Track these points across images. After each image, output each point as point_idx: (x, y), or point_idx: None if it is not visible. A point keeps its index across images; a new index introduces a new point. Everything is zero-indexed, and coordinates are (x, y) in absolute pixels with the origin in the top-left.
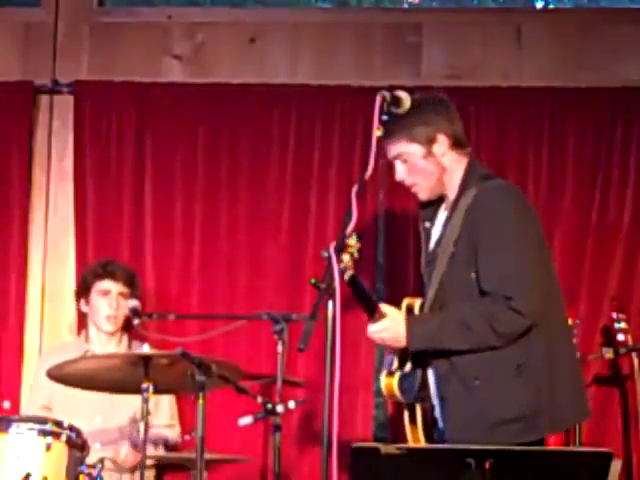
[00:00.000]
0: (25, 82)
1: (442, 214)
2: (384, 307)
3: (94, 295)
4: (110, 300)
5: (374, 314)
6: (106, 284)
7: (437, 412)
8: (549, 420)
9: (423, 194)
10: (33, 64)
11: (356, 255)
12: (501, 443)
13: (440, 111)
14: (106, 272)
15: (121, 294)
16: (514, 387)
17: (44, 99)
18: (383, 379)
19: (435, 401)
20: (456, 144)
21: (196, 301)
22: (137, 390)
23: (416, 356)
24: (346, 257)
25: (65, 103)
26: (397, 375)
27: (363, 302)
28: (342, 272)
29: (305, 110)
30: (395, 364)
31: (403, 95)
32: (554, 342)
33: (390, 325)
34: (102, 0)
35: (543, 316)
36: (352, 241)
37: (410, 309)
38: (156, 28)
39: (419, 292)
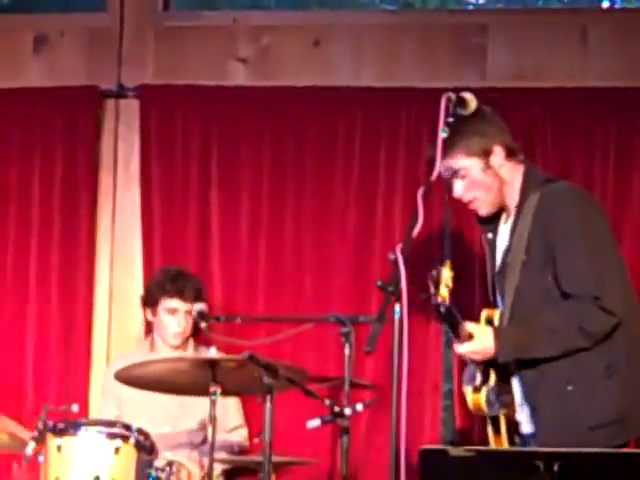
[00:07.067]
0: (91, 87)
1: (504, 223)
2: (469, 326)
3: (161, 311)
4: (178, 319)
5: (460, 334)
6: (175, 303)
7: (522, 417)
8: (638, 420)
9: (484, 209)
10: (99, 69)
11: (451, 285)
12: (596, 447)
13: (492, 122)
14: (175, 290)
15: (188, 312)
16: (606, 389)
17: (110, 103)
18: (470, 395)
19: (520, 408)
20: (511, 153)
21: (263, 304)
22: (204, 393)
23: (499, 368)
24: (444, 291)
25: (131, 107)
26: (484, 390)
27: (449, 325)
28: (437, 306)
29: (370, 113)
30: (479, 379)
31: (468, 96)
32: (635, 340)
33: (478, 346)
34: (167, 4)
35: (625, 314)
36: (447, 272)
37: (489, 320)
38: (221, 32)
39: (487, 299)
